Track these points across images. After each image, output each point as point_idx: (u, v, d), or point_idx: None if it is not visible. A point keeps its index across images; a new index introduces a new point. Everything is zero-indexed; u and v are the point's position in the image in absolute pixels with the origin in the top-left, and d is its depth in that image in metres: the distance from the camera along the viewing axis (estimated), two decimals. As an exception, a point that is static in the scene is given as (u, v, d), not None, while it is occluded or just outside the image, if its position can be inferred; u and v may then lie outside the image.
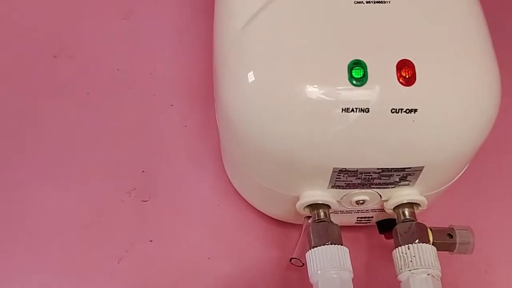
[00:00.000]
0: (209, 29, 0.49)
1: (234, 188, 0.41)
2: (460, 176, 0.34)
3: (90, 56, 0.50)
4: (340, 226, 0.32)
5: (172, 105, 0.48)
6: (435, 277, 0.29)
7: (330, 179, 0.31)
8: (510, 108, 0.37)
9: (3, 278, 0.38)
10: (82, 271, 0.38)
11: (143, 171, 0.43)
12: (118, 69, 0.49)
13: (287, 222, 0.40)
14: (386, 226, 0.36)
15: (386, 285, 0.38)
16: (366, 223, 0.37)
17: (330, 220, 0.32)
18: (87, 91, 0.48)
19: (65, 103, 0.47)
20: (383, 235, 0.37)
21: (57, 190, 0.42)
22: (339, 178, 0.30)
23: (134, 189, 0.42)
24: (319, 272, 0.29)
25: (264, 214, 0.40)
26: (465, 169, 0.34)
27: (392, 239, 0.34)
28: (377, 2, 0.30)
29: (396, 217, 0.33)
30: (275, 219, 0.40)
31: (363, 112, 0.28)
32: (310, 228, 0.32)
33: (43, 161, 0.43)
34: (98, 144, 0.45)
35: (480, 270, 0.40)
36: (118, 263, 0.39)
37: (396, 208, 0.32)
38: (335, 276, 0.29)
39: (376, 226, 0.37)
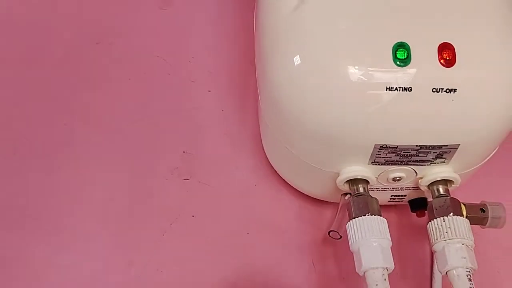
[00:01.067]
0: (245, 17, 0.52)
1: (270, 168, 0.44)
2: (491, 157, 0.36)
3: (131, 44, 0.52)
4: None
5: (209, 91, 0.50)
6: (469, 246, 0.31)
7: (371, 155, 0.33)
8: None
9: (66, 246, 0.40)
10: (131, 241, 0.41)
11: (184, 152, 0.46)
12: (157, 56, 0.52)
13: (321, 201, 0.42)
14: (418, 204, 0.38)
15: (416, 259, 0.41)
16: (399, 201, 0.39)
17: (369, 195, 0.34)
18: (129, 77, 0.50)
19: (108, 87, 0.49)
20: (414, 214, 0.39)
21: (107, 169, 0.44)
22: (379, 155, 0.33)
23: (176, 168, 0.45)
24: (361, 240, 0.32)
25: (300, 192, 0.42)
26: (496, 150, 0.36)
27: (423, 217, 0.36)
28: (419, -11, 0.32)
29: (431, 194, 0.35)
30: (310, 197, 0.42)
31: (406, 91, 0.30)
32: (351, 201, 0.34)
33: (90, 144, 0.46)
34: (141, 127, 0.47)
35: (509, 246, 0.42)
36: (163, 235, 0.41)
37: (431, 185, 0.35)
38: (375, 244, 0.31)
39: (408, 205, 0.40)
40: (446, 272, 0.31)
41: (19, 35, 0.52)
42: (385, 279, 0.31)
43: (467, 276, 0.30)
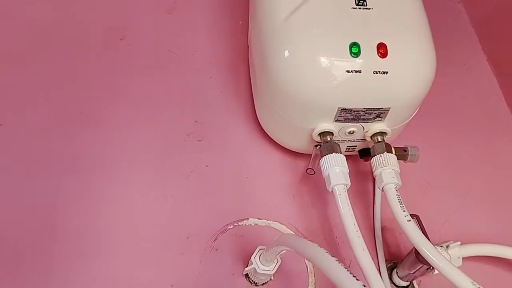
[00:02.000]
0: (236, 19, 0.68)
1: (262, 132, 0.60)
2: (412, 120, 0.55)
3: (147, 40, 0.68)
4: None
5: (211, 77, 0.66)
6: (396, 171, 0.50)
7: (335, 115, 0.50)
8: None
9: (119, 182, 0.55)
10: (163, 184, 0.56)
11: (196, 121, 0.62)
12: (168, 50, 0.67)
13: (298, 154, 0.59)
14: (364, 152, 0.56)
15: (363, 187, 0.59)
16: (352, 151, 0.57)
17: (334, 141, 0.52)
18: (148, 65, 0.66)
19: (133, 73, 0.64)
20: (362, 160, 0.58)
21: (139, 133, 0.59)
22: (340, 115, 0.50)
23: (191, 132, 0.61)
24: (329, 168, 0.49)
25: (283, 148, 0.59)
26: (414, 114, 0.55)
27: (367, 162, 0.54)
28: (365, 8, 0.50)
29: (373, 143, 0.53)
30: (291, 151, 0.59)
31: (357, 73, 0.48)
32: (322, 146, 0.51)
33: (124, 115, 0.60)
34: (162, 104, 0.62)
35: (422, 186, 0.62)
36: (187, 179, 0.57)
37: (373, 136, 0.53)
38: (338, 170, 0.49)
39: (358, 154, 0.58)
40: (382, 188, 0.50)
41: (63, 34, 0.65)
42: (345, 191, 0.48)
43: (395, 188, 0.49)
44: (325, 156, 0.50)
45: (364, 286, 0.31)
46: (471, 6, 0.82)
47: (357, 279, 0.32)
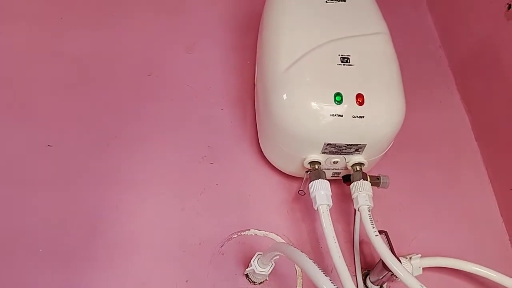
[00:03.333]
0: (247, 58, 0.81)
1: (263, 157, 0.73)
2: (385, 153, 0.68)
3: (170, 76, 0.80)
4: (325, 174, 0.64)
5: (222, 109, 0.79)
6: (369, 195, 0.62)
7: (322, 148, 0.63)
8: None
9: (144, 196, 0.67)
10: (180, 198, 0.68)
11: (209, 147, 0.74)
12: (188, 85, 0.80)
13: (292, 176, 0.72)
14: (347, 178, 0.69)
15: (346, 207, 0.71)
16: (337, 176, 0.69)
17: (321, 169, 0.64)
18: (171, 98, 0.78)
19: (158, 105, 0.77)
20: (346, 184, 0.70)
21: (163, 156, 0.72)
22: (326, 148, 0.63)
23: (205, 156, 0.73)
24: (316, 191, 0.61)
25: (280, 171, 0.72)
26: (387, 149, 0.67)
27: (349, 185, 0.66)
28: (348, 65, 0.62)
29: (352, 171, 0.65)
30: (286, 174, 0.72)
31: (340, 116, 0.60)
32: (311, 173, 0.64)
33: (150, 140, 0.73)
34: (181, 131, 0.75)
35: (396, 207, 0.74)
36: (200, 195, 0.69)
37: (353, 165, 0.65)
38: (323, 192, 0.61)
39: (342, 179, 0.70)
40: (358, 208, 0.62)
41: (101, 71, 0.78)
42: (327, 210, 0.60)
43: (368, 209, 0.61)
44: (313, 181, 0.62)
45: (335, 284, 0.43)
46: (451, 50, 0.94)
47: (330, 280, 0.44)
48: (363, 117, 0.60)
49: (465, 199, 0.77)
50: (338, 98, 0.60)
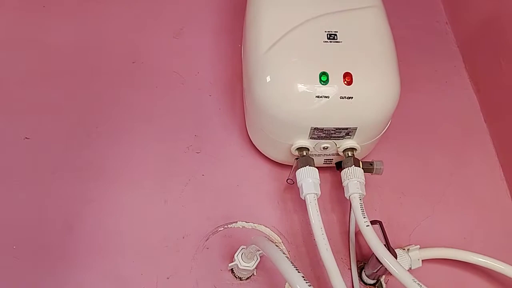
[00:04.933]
0: (237, 41, 0.77)
1: (252, 145, 0.69)
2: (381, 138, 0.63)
3: (156, 62, 0.77)
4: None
5: (210, 95, 0.75)
6: (361, 183, 0.57)
7: (309, 133, 0.58)
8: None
9: (127, 190, 0.64)
10: (163, 190, 0.65)
11: (195, 135, 0.70)
12: (174, 72, 0.76)
13: (282, 165, 0.67)
14: (340, 165, 0.64)
15: (342, 200, 0.67)
16: (329, 163, 0.65)
17: (309, 156, 0.60)
18: (156, 85, 0.75)
19: (142, 93, 0.73)
20: (339, 171, 0.65)
21: (146, 145, 0.68)
22: (314, 133, 0.58)
23: (191, 145, 0.69)
24: (303, 179, 0.57)
25: (269, 159, 0.67)
26: (383, 132, 0.62)
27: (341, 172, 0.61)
28: (335, 42, 0.57)
29: (344, 157, 0.61)
30: (276, 162, 0.67)
31: (326, 98, 0.55)
32: (299, 159, 0.59)
33: (133, 129, 0.70)
34: (167, 119, 0.71)
35: (397, 195, 0.69)
36: (185, 186, 0.66)
37: (344, 151, 0.60)
38: (310, 180, 0.57)
39: (335, 166, 0.65)
40: (348, 197, 0.57)
41: (82, 58, 0.75)
42: (315, 199, 0.56)
43: (359, 198, 0.56)
44: (300, 169, 0.58)
45: (304, 277, 0.38)
46: (458, 27, 0.88)
47: (303, 278, 0.39)
48: (352, 97, 0.56)
49: (472, 185, 0.71)
50: (324, 78, 0.55)
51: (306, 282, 0.38)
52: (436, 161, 0.73)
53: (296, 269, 0.39)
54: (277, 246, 0.44)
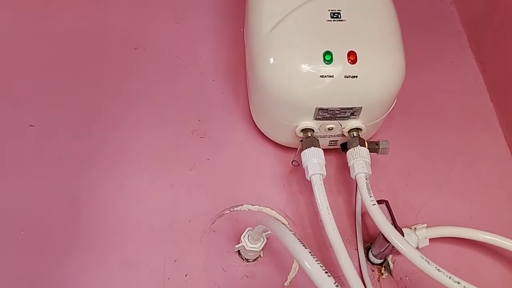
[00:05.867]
0: (240, 25, 0.76)
1: (256, 129, 0.68)
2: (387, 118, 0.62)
3: (158, 48, 0.76)
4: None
5: (213, 80, 0.74)
6: (367, 163, 0.57)
7: (314, 114, 0.58)
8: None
9: (131, 176, 0.64)
10: (169, 175, 0.65)
11: (199, 120, 0.70)
12: (177, 57, 0.76)
13: (287, 147, 0.67)
14: (345, 146, 0.63)
15: (348, 181, 0.66)
16: (334, 144, 0.64)
17: (314, 137, 0.59)
18: (159, 71, 0.74)
19: (145, 79, 0.73)
20: (344, 152, 0.65)
21: (150, 131, 0.68)
22: (319, 114, 0.58)
23: (195, 130, 0.69)
24: (308, 159, 0.57)
25: (274, 143, 0.67)
26: (388, 112, 0.62)
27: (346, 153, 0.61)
28: (339, 20, 0.57)
29: (349, 137, 0.60)
30: (281, 145, 0.67)
31: (330, 77, 0.55)
32: (304, 141, 0.59)
33: (137, 115, 0.69)
34: (170, 104, 0.71)
35: (403, 175, 0.68)
36: (190, 170, 0.66)
37: (349, 131, 0.60)
38: (315, 161, 0.57)
39: (340, 148, 0.65)
40: (354, 177, 0.57)
41: (85, 45, 0.75)
42: (321, 180, 0.56)
43: (365, 177, 0.56)
44: (305, 150, 0.58)
45: (311, 253, 0.38)
46: (463, 6, 0.87)
47: (310, 253, 0.39)
48: (356, 76, 0.55)
49: (479, 164, 0.71)
50: (328, 57, 0.55)
51: (313, 257, 0.38)
52: (442, 141, 0.72)
53: (303, 245, 0.39)
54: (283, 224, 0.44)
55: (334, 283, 0.36)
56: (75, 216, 0.61)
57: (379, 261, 0.60)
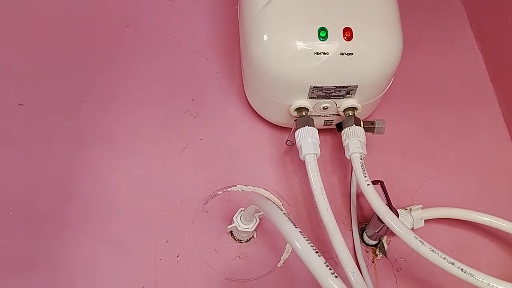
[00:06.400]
0: (230, 8, 0.74)
1: (250, 108, 0.67)
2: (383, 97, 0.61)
3: (150, 26, 0.75)
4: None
5: (207, 59, 0.73)
6: (362, 142, 0.56)
7: (308, 92, 0.56)
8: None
9: (125, 154, 0.63)
10: (161, 155, 0.64)
11: (192, 99, 0.69)
12: (170, 35, 0.74)
13: (284, 128, 0.66)
14: (341, 126, 0.62)
15: (344, 161, 0.65)
16: (329, 124, 0.63)
17: (308, 116, 0.58)
18: (152, 49, 0.73)
19: (137, 57, 0.72)
20: (339, 133, 0.63)
21: (142, 110, 0.67)
22: (313, 92, 0.56)
23: (188, 110, 0.68)
24: (302, 139, 0.56)
25: (269, 123, 0.66)
26: (384, 91, 0.60)
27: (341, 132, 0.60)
28: (334, -4, 0.55)
29: (344, 117, 0.59)
30: (275, 125, 0.66)
31: (325, 54, 0.53)
32: (298, 120, 0.58)
33: (128, 94, 0.68)
34: (163, 84, 0.69)
35: (399, 155, 0.67)
36: (183, 150, 0.65)
37: (345, 110, 0.59)
38: (309, 140, 0.55)
39: (335, 128, 0.64)
40: (349, 156, 0.56)
41: (75, 23, 0.73)
42: (315, 159, 0.55)
43: (360, 157, 0.55)
44: (299, 129, 0.57)
45: (301, 232, 0.37)
46: (463, -16, 0.85)
47: (301, 232, 0.38)
48: (352, 54, 0.54)
49: (477, 146, 0.70)
50: (323, 33, 0.53)
51: (304, 237, 0.37)
52: (440, 122, 0.71)
53: (294, 225, 0.38)
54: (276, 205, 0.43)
55: (325, 263, 0.35)
56: (65, 196, 0.59)
57: (374, 242, 0.59)
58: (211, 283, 0.56)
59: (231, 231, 0.59)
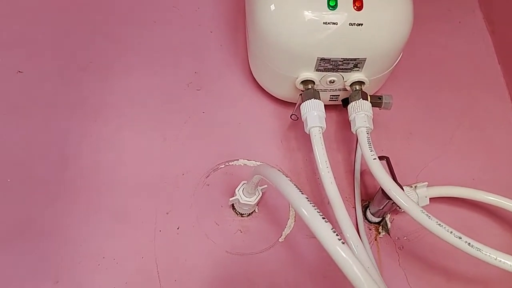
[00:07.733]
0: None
1: (255, 83, 0.66)
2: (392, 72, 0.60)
3: (155, -3, 0.73)
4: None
5: (211, 31, 0.71)
6: (369, 116, 0.54)
7: (315, 65, 0.55)
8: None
9: (125, 127, 0.62)
10: (163, 127, 0.62)
11: (195, 72, 0.67)
12: (173, 6, 0.73)
13: (286, 102, 0.65)
14: (346, 102, 0.61)
15: (349, 138, 0.64)
16: (335, 99, 0.62)
17: (314, 89, 0.57)
18: (154, 20, 0.71)
19: (139, 28, 0.70)
20: (345, 109, 0.62)
21: (144, 82, 0.65)
22: (320, 64, 0.55)
23: (191, 82, 0.66)
24: (307, 112, 0.54)
25: (273, 97, 0.65)
26: (393, 66, 0.59)
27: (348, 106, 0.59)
28: (345, -35, 0.53)
29: (351, 91, 0.58)
30: (280, 100, 0.65)
31: (334, 24, 0.52)
32: (303, 92, 0.56)
33: (130, 65, 0.66)
34: (166, 56, 0.68)
35: (405, 135, 0.66)
36: (185, 123, 0.63)
37: (352, 85, 0.57)
38: (315, 113, 0.54)
39: (341, 104, 0.62)
40: (355, 131, 0.55)
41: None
42: (320, 133, 0.53)
43: (366, 132, 0.54)
44: (305, 102, 0.55)
45: (309, 200, 0.36)
46: (473, -36, 0.83)
47: (307, 198, 0.37)
48: (362, 24, 0.52)
49: (483, 126, 0.69)
50: (332, 3, 0.52)
51: (310, 203, 0.36)
52: (447, 102, 0.70)
53: (300, 191, 0.37)
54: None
55: (331, 229, 0.34)
56: (65, 165, 0.58)
57: (377, 220, 0.58)
58: (212, 256, 0.55)
59: (233, 205, 0.58)
